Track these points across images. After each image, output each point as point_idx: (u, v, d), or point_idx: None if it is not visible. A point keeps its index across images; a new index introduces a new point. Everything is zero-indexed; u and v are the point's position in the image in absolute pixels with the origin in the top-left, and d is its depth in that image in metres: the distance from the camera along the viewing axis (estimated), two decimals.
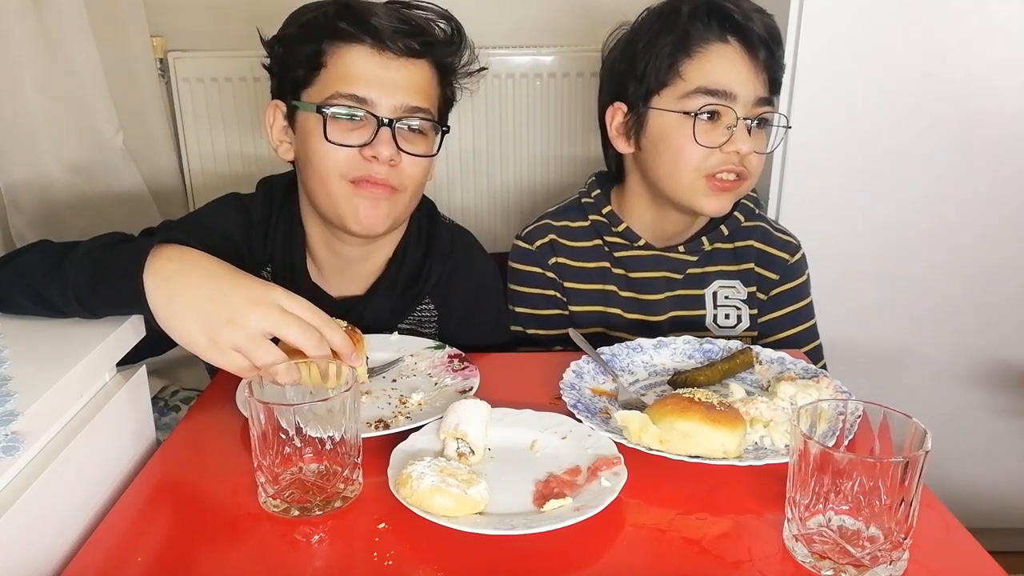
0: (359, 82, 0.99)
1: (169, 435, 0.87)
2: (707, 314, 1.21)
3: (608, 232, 1.22)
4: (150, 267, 0.79)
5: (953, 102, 1.42)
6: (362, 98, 0.99)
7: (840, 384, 0.91)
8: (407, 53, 1.00)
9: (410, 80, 1.01)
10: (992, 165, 1.45)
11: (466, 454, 0.78)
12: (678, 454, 0.78)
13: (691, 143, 1.09)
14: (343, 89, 0.99)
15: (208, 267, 0.81)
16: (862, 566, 0.63)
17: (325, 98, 0.99)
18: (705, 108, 1.08)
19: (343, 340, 0.81)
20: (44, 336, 0.81)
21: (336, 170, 1.01)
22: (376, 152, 0.99)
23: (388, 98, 1.00)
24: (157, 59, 1.82)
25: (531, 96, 1.88)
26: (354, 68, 0.99)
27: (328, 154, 1.00)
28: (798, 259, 1.24)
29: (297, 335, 0.78)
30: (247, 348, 0.78)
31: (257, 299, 0.79)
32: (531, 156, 1.93)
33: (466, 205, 1.94)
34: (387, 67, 1.00)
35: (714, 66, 1.08)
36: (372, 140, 0.99)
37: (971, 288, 1.53)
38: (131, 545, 0.69)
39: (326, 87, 1.00)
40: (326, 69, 1.00)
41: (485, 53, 1.83)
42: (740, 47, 1.08)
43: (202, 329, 0.78)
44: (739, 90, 1.08)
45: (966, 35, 1.39)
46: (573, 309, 1.23)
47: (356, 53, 0.99)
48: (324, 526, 0.71)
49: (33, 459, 0.68)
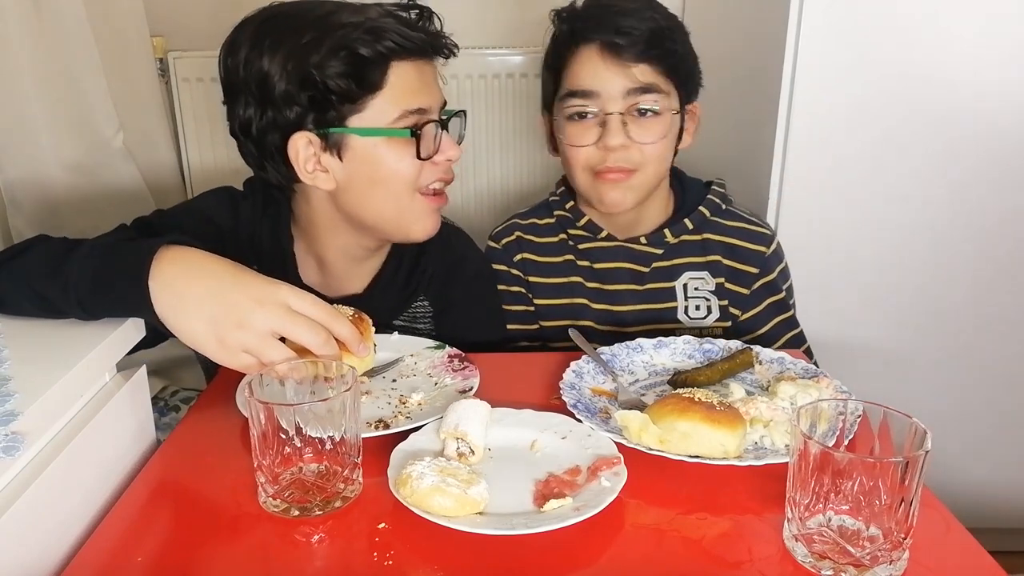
0: (418, 95, 1.00)
1: (169, 435, 0.87)
2: (678, 306, 1.23)
3: (572, 226, 1.27)
4: (154, 271, 0.79)
5: (953, 102, 1.42)
6: (424, 108, 1.01)
7: (840, 384, 0.91)
8: (431, 56, 1.03)
9: (435, 79, 1.05)
10: (993, 165, 1.45)
11: (466, 454, 0.78)
12: (678, 454, 0.78)
13: (570, 146, 1.17)
14: (409, 106, 0.99)
15: (212, 268, 0.81)
16: (862, 566, 0.63)
17: (394, 119, 0.98)
18: (570, 110, 1.15)
19: (350, 331, 0.82)
20: (44, 336, 0.81)
21: (416, 184, 1.02)
22: (448, 155, 1.03)
23: (435, 101, 1.03)
24: (157, 59, 1.82)
25: (526, 97, 1.88)
26: (411, 83, 0.99)
27: (409, 171, 1.00)
28: (774, 249, 1.26)
29: (305, 335, 0.79)
30: (256, 349, 0.78)
31: (263, 298, 0.79)
32: (519, 158, 1.92)
33: (453, 206, 1.93)
34: (427, 74, 1.03)
35: (577, 68, 1.15)
36: (437, 147, 1.02)
37: (972, 288, 1.52)
38: (131, 545, 0.69)
39: (387, 108, 0.98)
40: (382, 91, 0.98)
41: (477, 53, 1.84)
42: (598, 45, 1.13)
43: (210, 331, 0.78)
44: (601, 87, 1.13)
45: (966, 35, 1.38)
46: (540, 302, 1.27)
47: (407, 69, 0.99)
48: (324, 526, 0.71)
49: (33, 459, 0.68)
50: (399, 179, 1.01)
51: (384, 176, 1.00)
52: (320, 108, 0.97)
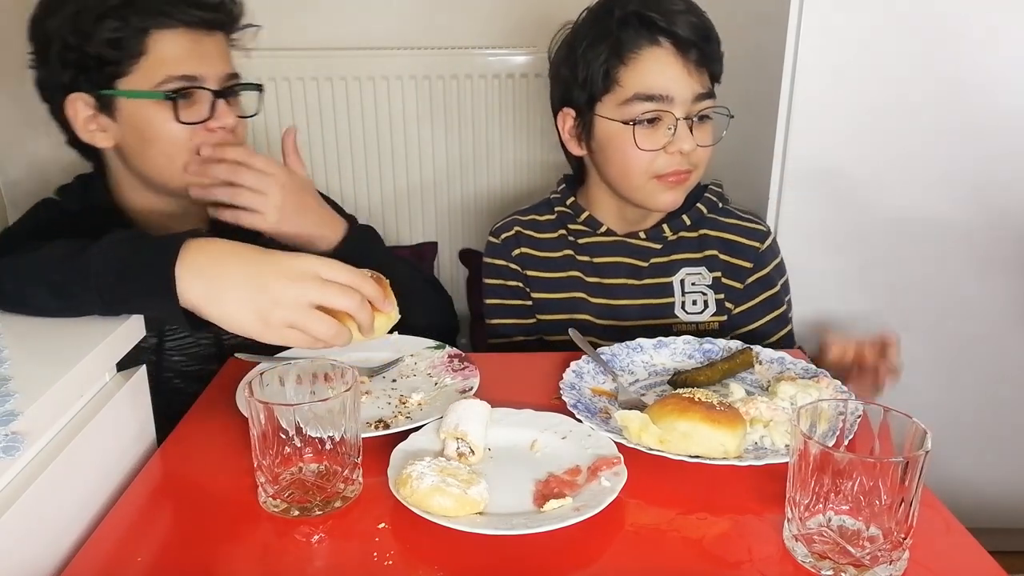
0: (186, 62, 1.03)
1: (169, 435, 0.87)
2: (676, 301, 1.23)
3: (572, 221, 1.27)
4: (183, 260, 0.80)
5: (954, 102, 1.42)
6: (193, 76, 1.03)
7: (840, 384, 0.91)
8: (213, 27, 1.06)
9: (220, 50, 1.08)
10: (994, 165, 1.45)
11: (466, 454, 0.78)
12: (678, 454, 0.78)
13: (635, 149, 1.13)
14: (174, 71, 1.02)
15: (240, 253, 0.83)
16: (862, 566, 0.63)
17: (158, 83, 1.02)
18: (644, 115, 1.12)
19: (376, 289, 0.84)
20: (44, 336, 0.81)
21: (186, 147, 1.05)
22: (222, 123, 1.06)
23: (212, 71, 1.05)
24: None
25: (518, 98, 1.87)
26: (176, 50, 1.03)
27: (177, 134, 1.04)
28: (769, 245, 1.26)
29: (343, 300, 0.81)
30: (300, 323, 0.80)
31: (295, 274, 0.80)
32: (517, 160, 1.91)
33: (452, 207, 1.93)
34: (204, 43, 1.05)
35: (648, 71, 1.11)
36: (212, 114, 1.05)
37: (972, 288, 1.52)
38: (131, 545, 0.69)
39: (153, 72, 1.02)
40: (147, 56, 1.02)
41: (471, 54, 1.83)
42: (672, 48, 1.11)
43: (252, 315, 0.80)
44: (675, 91, 1.11)
45: (967, 35, 1.38)
46: (538, 296, 1.27)
47: (175, 36, 1.03)
48: (324, 526, 0.71)
49: (33, 459, 0.68)
50: (168, 140, 1.04)
51: (154, 136, 1.04)
52: (88, 71, 1.03)
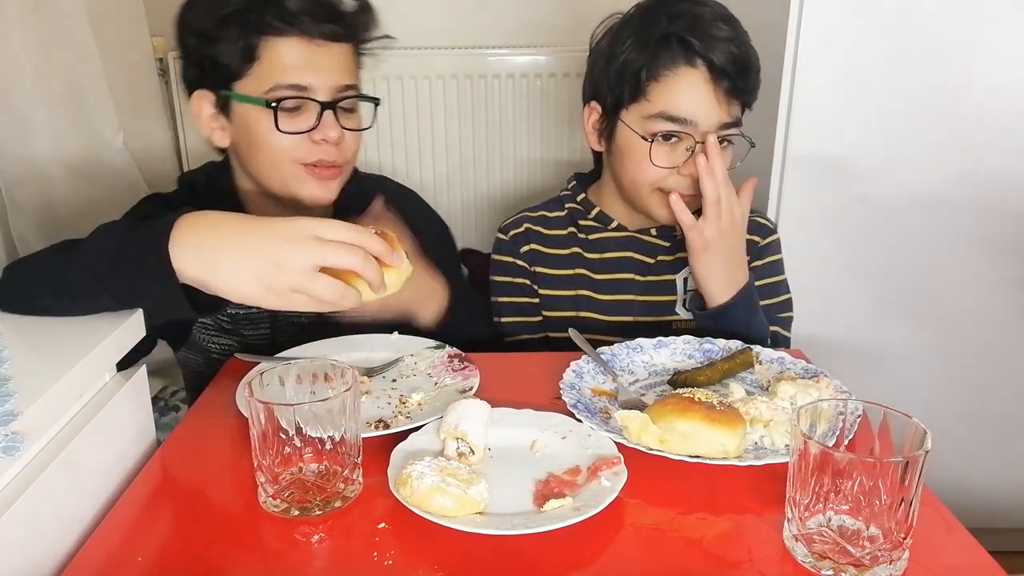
0: (296, 71, 1.03)
1: (169, 435, 0.87)
2: (677, 299, 1.24)
3: (582, 217, 1.27)
4: (176, 239, 0.79)
5: (955, 101, 1.42)
6: (302, 86, 1.03)
7: (840, 384, 0.91)
8: (332, 38, 1.05)
9: (338, 61, 1.07)
10: (995, 164, 1.45)
11: (466, 454, 0.78)
12: (678, 454, 0.78)
13: (649, 163, 1.12)
14: (282, 80, 1.03)
15: (234, 222, 0.82)
16: (862, 566, 0.63)
17: (266, 90, 1.03)
18: (661, 133, 1.11)
19: (380, 245, 0.82)
20: (44, 336, 0.81)
21: (289, 156, 1.06)
22: (324, 135, 1.05)
23: (325, 81, 1.05)
24: (157, 59, 1.82)
25: (528, 97, 1.88)
26: (289, 59, 1.03)
27: (279, 142, 1.05)
28: (769, 241, 1.26)
29: (345, 259, 0.79)
30: (305, 287, 0.78)
31: (293, 237, 0.79)
32: (528, 158, 1.92)
33: (465, 204, 1.94)
34: (319, 54, 1.05)
35: (677, 92, 1.10)
36: (318, 124, 1.05)
37: (972, 288, 1.52)
38: (131, 545, 0.69)
39: (264, 79, 1.03)
40: (260, 62, 1.03)
41: (483, 53, 1.84)
42: (706, 73, 1.09)
43: (256, 283, 0.78)
44: (700, 118, 1.10)
45: (968, 34, 1.38)
46: (544, 293, 1.27)
47: (287, 45, 1.03)
48: (324, 526, 0.71)
49: (33, 459, 0.68)
50: (272, 147, 1.06)
51: (260, 142, 1.06)
52: (209, 70, 1.06)
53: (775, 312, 1.25)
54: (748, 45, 1.13)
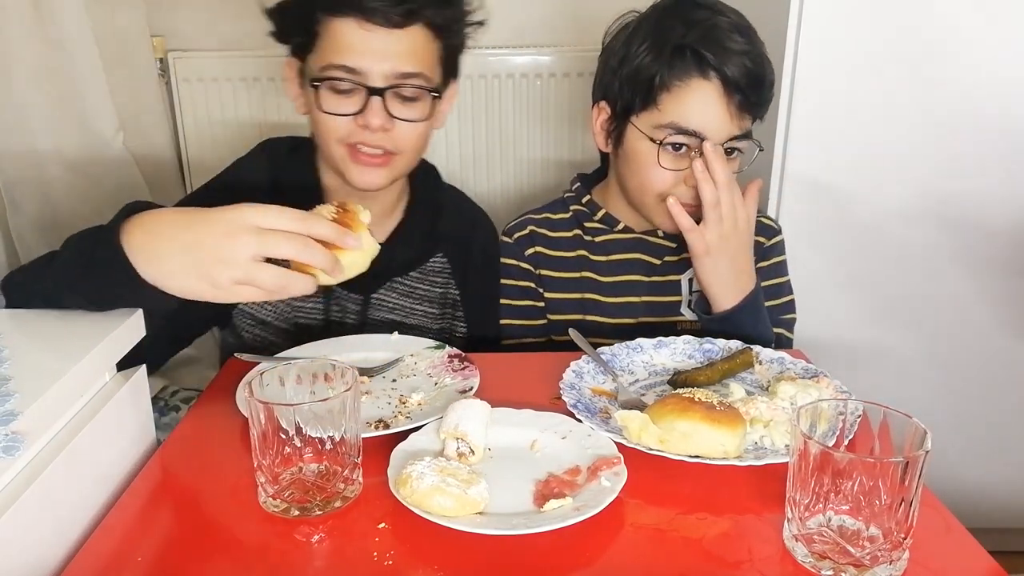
0: (348, 53, 1.03)
1: (169, 435, 0.87)
2: (683, 299, 1.23)
3: (588, 219, 1.27)
4: (126, 244, 0.78)
5: (955, 103, 1.42)
6: (352, 68, 1.03)
7: (840, 384, 0.91)
8: (391, 24, 1.03)
9: (399, 47, 1.04)
10: (995, 167, 1.45)
11: (466, 454, 0.78)
12: (678, 454, 0.78)
13: (657, 167, 1.12)
14: (335, 60, 1.03)
15: (171, 220, 0.81)
16: (862, 566, 0.63)
17: (320, 68, 1.05)
18: (669, 142, 1.10)
19: (329, 228, 0.80)
20: (44, 336, 0.81)
21: (333, 135, 1.07)
22: (367, 121, 1.04)
23: (378, 66, 1.03)
24: (157, 59, 1.82)
25: (531, 97, 1.88)
26: (343, 40, 1.03)
27: (325, 121, 1.06)
28: (774, 242, 1.26)
29: (282, 247, 0.77)
30: (246, 278, 0.77)
31: (231, 230, 0.77)
32: (529, 159, 1.92)
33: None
34: (375, 37, 1.03)
35: (689, 104, 1.09)
36: (363, 109, 1.04)
37: (972, 288, 1.52)
38: (131, 545, 0.69)
39: (321, 57, 1.05)
40: (319, 39, 1.05)
41: (484, 53, 1.84)
42: (719, 86, 1.08)
43: (199, 280, 0.77)
44: (710, 131, 1.09)
45: (964, 45, 1.38)
46: (550, 296, 1.26)
47: (344, 25, 1.03)
48: (324, 526, 0.71)
49: (33, 459, 0.68)
50: (321, 125, 1.08)
51: (314, 117, 1.09)
52: (291, 40, 1.09)
53: (778, 314, 1.25)
54: (763, 57, 1.11)
